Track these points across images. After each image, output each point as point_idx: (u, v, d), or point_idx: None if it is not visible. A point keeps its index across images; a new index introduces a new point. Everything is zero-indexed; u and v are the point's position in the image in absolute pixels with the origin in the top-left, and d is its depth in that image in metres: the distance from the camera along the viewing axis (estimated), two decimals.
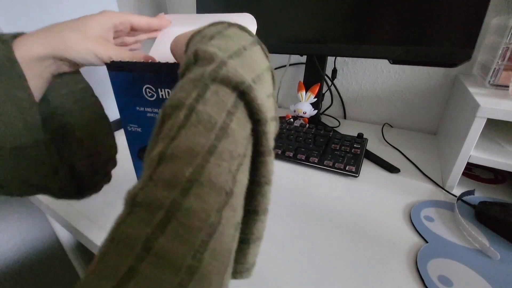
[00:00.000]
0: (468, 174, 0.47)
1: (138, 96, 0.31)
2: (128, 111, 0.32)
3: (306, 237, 0.34)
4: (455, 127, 0.47)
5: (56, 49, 0.27)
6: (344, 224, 0.36)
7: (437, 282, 0.28)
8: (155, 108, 0.31)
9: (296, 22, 0.54)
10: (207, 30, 0.20)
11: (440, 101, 0.63)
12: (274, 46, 0.58)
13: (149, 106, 0.31)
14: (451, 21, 0.41)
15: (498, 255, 0.30)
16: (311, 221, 0.36)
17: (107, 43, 0.30)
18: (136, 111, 0.32)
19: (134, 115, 0.32)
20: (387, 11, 0.45)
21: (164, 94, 0.30)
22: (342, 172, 0.46)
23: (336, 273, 0.29)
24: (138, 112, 0.32)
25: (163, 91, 0.29)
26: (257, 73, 0.19)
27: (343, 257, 0.31)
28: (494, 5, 0.51)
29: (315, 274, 0.29)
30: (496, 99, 0.39)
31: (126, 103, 0.32)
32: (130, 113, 0.32)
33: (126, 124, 0.34)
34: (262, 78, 0.19)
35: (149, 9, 0.90)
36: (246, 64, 0.19)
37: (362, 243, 0.33)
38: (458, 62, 0.43)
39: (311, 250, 0.32)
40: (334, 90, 0.75)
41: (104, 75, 0.34)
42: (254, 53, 0.20)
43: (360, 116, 0.76)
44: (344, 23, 0.50)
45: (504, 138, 0.44)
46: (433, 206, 0.39)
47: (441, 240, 0.33)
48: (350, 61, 0.71)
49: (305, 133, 0.56)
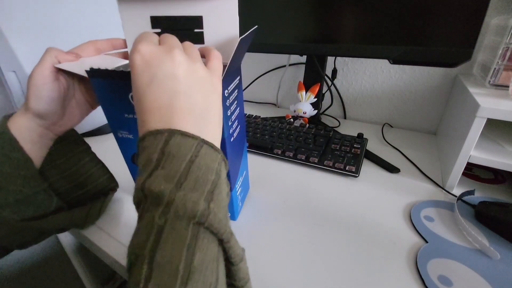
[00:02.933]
0: (468, 174, 0.47)
1: (124, 103, 0.30)
2: (116, 118, 0.32)
3: (306, 237, 0.34)
4: (455, 127, 0.47)
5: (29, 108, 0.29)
6: (344, 224, 0.36)
7: (437, 282, 0.28)
8: None
9: (296, 22, 0.54)
10: (150, 149, 0.19)
11: (440, 101, 0.63)
12: (274, 46, 0.58)
13: None
14: (451, 21, 0.41)
15: (498, 255, 0.30)
16: (311, 221, 0.36)
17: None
18: (125, 118, 0.31)
19: (123, 122, 0.32)
20: (387, 11, 0.45)
21: None
22: (342, 172, 0.46)
23: (336, 273, 0.29)
24: (128, 119, 0.31)
25: None
26: (210, 186, 0.19)
27: (343, 257, 0.31)
28: (494, 5, 0.51)
29: (315, 274, 0.29)
30: (496, 99, 0.39)
31: (113, 111, 0.31)
32: (118, 121, 0.32)
33: (116, 131, 0.33)
34: (216, 188, 0.19)
35: None
36: (197, 181, 0.18)
37: (362, 243, 0.33)
38: (458, 62, 0.43)
39: (311, 250, 0.32)
40: (334, 90, 0.75)
41: None
42: (203, 159, 0.19)
43: (360, 116, 0.76)
44: (344, 23, 0.50)
45: (504, 138, 0.44)
46: (433, 206, 0.39)
47: (441, 240, 0.33)
48: (350, 61, 0.71)
49: (305, 133, 0.56)
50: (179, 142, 0.19)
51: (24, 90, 0.52)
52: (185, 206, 0.17)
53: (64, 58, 0.29)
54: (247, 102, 0.92)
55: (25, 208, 0.29)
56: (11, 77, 0.50)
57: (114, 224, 0.36)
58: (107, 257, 0.32)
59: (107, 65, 0.29)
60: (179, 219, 0.17)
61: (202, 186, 0.18)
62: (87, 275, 0.70)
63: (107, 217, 0.37)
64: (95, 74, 0.28)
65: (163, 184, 0.17)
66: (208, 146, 0.20)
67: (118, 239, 0.33)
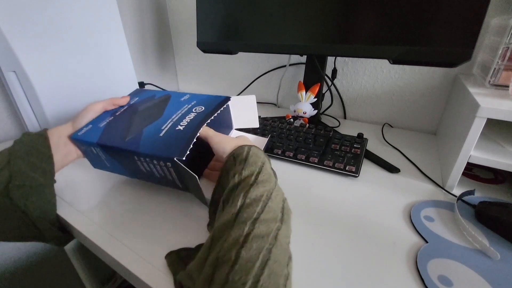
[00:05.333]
0: (468, 174, 0.47)
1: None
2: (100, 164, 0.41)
3: (305, 237, 0.34)
4: (455, 127, 0.47)
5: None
6: (344, 224, 0.36)
7: (437, 282, 0.28)
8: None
9: (296, 22, 0.54)
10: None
11: (440, 101, 0.63)
12: (274, 46, 0.58)
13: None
14: (451, 21, 0.41)
15: (498, 255, 0.30)
16: (310, 221, 0.36)
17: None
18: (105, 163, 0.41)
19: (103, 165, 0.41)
20: (387, 11, 0.45)
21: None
22: (342, 172, 0.46)
23: (336, 273, 0.29)
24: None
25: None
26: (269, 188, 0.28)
27: (343, 257, 0.31)
28: (494, 5, 0.51)
29: (314, 274, 0.29)
30: (496, 99, 0.39)
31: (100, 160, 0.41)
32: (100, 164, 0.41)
33: (96, 165, 0.43)
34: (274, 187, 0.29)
35: (149, 10, 0.90)
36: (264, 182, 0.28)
37: (362, 243, 0.33)
38: (458, 62, 0.43)
39: (311, 250, 0.32)
40: (334, 90, 0.75)
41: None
42: (267, 168, 0.30)
43: (360, 116, 0.76)
44: (344, 23, 0.50)
45: (504, 138, 0.44)
46: (433, 206, 0.39)
47: (441, 240, 0.33)
48: (350, 61, 0.71)
49: (305, 133, 0.56)
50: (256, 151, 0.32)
51: (24, 90, 0.52)
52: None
53: (114, 104, 0.44)
54: None
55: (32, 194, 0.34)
56: (11, 77, 0.50)
57: (114, 223, 0.36)
58: (107, 257, 0.32)
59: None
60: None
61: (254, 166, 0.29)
62: (87, 275, 0.70)
63: (107, 216, 0.37)
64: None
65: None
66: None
67: (118, 239, 0.33)
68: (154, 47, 0.95)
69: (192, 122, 0.36)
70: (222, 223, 0.24)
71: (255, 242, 0.21)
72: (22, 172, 0.32)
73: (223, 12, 0.62)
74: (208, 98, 0.42)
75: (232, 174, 0.29)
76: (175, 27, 0.98)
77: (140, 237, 0.33)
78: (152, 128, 0.37)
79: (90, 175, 0.46)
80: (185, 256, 0.30)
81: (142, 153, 0.34)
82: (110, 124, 0.40)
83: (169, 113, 0.39)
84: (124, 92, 0.50)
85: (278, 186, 0.29)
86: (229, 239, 0.22)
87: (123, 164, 0.38)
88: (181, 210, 0.38)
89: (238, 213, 0.24)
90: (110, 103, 0.43)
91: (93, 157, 0.40)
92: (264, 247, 0.21)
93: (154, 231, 0.34)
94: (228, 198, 0.27)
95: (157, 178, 0.37)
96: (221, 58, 0.94)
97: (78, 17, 0.55)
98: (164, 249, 0.31)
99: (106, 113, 0.43)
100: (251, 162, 0.29)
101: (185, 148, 0.32)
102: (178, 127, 0.36)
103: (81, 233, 0.35)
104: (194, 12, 0.69)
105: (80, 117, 0.40)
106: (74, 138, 0.38)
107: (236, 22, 0.61)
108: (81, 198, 0.41)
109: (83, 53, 0.57)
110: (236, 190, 0.27)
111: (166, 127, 0.36)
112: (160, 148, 0.33)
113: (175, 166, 0.32)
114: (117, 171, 0.41)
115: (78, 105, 0.59)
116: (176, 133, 0.35)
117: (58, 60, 0.54)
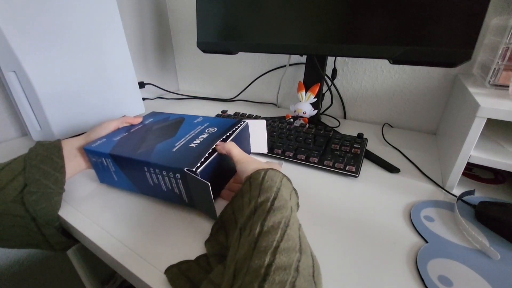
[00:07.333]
0: (468, 174, 0.47)
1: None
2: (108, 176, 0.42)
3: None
4: (455, 127, 0.47)
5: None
6: (344, 224, 0.36)
7: (437, 282, 0.28)
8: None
9: (296, 22, 0.54)
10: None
11: (440, 101, 0.63)
12: (274, 46, 0.58)
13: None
14: (451, 21, 0.41)
15: (498, 255, 0.30)
16: (310, 221, 0.36)
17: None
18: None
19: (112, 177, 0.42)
20: (387, 11, 0.45)
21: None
22: (342, 172, 0.46)
23: (336, 273, 0.29)
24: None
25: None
26: (287, 202, 0.28)
27: (342, 257, 0.31)
28: (494, 5, 0.52)
29: None
30: (496, 99, 0.39)
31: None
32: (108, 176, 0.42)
33: (104, 180, 0.43)
34: (290, 198, 0.30)
35: (149, 10, 0.90)
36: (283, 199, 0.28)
37: (362, 243, 0.33)
38: (458, 62, 0.43)
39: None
40: (334, 90, 0.75)
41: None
42: (282, 194, 0.29)
43: (360, 116, 0.76)
44: (344, 23, 0.50)
45: (504, 138, 0.44)
46: (433, 206, 0.39)
47: (441, 240, 0.33)
48: (350, 61, 0.71)
49: (305, 133, 0.56)
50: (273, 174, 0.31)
51: (24, 90, 0.52)
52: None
53: (127, 122, 0.47)
54: (247, 102, 0.92)
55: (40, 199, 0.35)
56: (11, 77, 0.50)
57: (114, 223, 0.36)
58: (107, 257, 0.32)
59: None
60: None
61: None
62: (87, 274, 0.70)
63: (107, 216, 0.37)
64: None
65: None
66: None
67: (118, 239, 0.33)
68: (154, 47, 0.95)
69: (205, 140, 0.38)
70: (242, 254, 0.23)
71: (278, 275, 0.20)
72: (37, 180, 0.34)
73: (223, 12, 0.62)
74: (221, 120, 0.46)
75: (248, 199, 0.29)
76: (175, 27, 0.99)
77: (141, 238, 0.33)
78: (165, 144, 0.39)
79: (93, 176, 0.46)
80: (186, 269, 0.28)
81: (152, 163, 0.35)
82: (123, 138, 0.42)
83: (183, 133, 0.42)
84: (124, 92, 0.50)
85: (294, 212, 0.28)
86: (250, 271, 0.21)
87: (131, 177, 0.39)
88: (184, 214, 0.38)
89: (256, 242, 0.23)
90: (123, 122, 0.47)
91: (102, 170, 0.41)
92: (288, 280, 0.20)
93: (155, 232, 0.34)
94: (245, 226, 0.26)
95: (164, 192, 0.37)
96: (221, 58, 0.94)
97: (78, 17, 0.55)
98: (164, 249, 0.31)
99: (121, 130, 0.46)
100: (266, 187, 0.29)
101: (196, 161, 0.33)
102: (191, 144, 0.38)
103: (81, 233, 0.35)
104: (194, 12, 0.69)
105: (94, 132, 0.43)
106: (88, 149, 0.40)
107: (236, 22, 0.61)
108: (84, 200, 0.42)
109: (83, 53, 0.57)
110: (253, 217, 0.26)
111: (179, 145, 0.38)
112: (171, 160, 0.34)
113: (184, 178, 0.33)
114: (123, 186, 0.41)
115: (77, 105, 0.59)
116: (188, 149, 0.36)
117: (58, 60, 0.54)
